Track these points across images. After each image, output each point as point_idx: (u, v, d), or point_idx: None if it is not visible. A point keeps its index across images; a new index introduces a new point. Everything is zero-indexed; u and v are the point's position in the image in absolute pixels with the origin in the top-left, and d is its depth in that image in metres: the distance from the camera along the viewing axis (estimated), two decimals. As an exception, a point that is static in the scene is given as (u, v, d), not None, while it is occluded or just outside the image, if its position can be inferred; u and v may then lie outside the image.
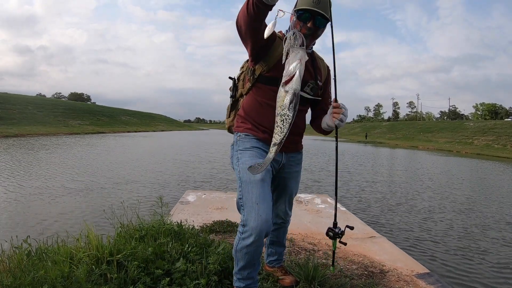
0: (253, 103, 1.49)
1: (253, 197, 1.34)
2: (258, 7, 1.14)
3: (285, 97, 0.97)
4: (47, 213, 4.86)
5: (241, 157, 1.44)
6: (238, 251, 1.39)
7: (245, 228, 1.34)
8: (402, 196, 7.17)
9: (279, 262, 1.87)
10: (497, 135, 32.35)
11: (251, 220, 1.31)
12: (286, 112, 0.98)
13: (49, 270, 1.63)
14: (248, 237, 1.32)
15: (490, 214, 5.84)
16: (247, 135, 1.48)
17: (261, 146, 1.46)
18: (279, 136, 1.03)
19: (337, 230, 1.52)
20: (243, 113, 1.53)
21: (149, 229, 2.23)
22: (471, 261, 3.62)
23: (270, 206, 1.35)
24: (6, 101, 40.45)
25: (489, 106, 74.53)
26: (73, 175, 8.33)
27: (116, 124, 53.02)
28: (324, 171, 10.33)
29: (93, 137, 29.10)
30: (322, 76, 1.55)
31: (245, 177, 1.38)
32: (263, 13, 1.18)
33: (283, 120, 0.99)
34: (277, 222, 1.75)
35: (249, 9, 1.17)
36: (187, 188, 6.20)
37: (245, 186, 1.37)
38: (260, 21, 1.23)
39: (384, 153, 23.05)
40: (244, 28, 1.28)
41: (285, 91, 0.97)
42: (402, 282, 2.01)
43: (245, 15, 1.21)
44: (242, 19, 1.25)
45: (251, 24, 1.24)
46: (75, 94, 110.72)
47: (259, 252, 1.39)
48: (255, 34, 1.29)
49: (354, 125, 76.85)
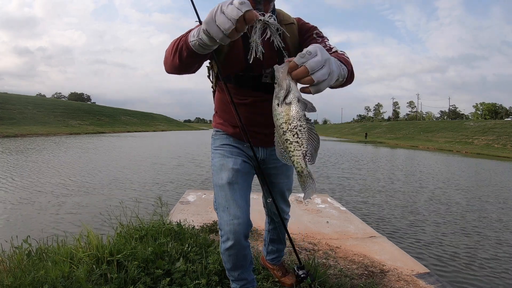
0: (218, 100, 1.44)
1: (222, 200, 1.30)
2: (193, 58, 0.95)
3: (290, 109, 0.83)
4: (47, 213, 4.86)
5: (213, 158, 1.42)
6: (222, 254, 1.36)
7: (221, 232, 1.31)
8: (402, 196, 7.17)
9: (279, 259, 1.85)
10: (497, 135, 32.36)
11: (224, 224, 1.29)
12: (297, 123, 0.83)
13: (49, 270, 1.63)
14: (226, 241, 1.30)
15: (490, 214, 5.84)
16: (217, 131, 1.45)
17: (231, 142, 1.40)
18: (299, 151, 0.85)
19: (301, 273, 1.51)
20: (215, 108, 1.50)
21: (149, 229, 2.24)
22: (471, 261, 3.62)
23: (243, 207, 1.29)
24: (6, 101, 40.48)
25: (489, 105, 74.61)
26: (73, 175, 8.33)
27: (116, 124, 53.05)
28: (323, 173, 10.34)
29: (93, 137, 29.11)
30: (291, 45, 1.28)
31: (214, 180, 1.36)
32: (200, 61, 1.02)
33: (297, 133, 0.83)
34: (274, 219, 1.69)
35: (180, 61, 0.98)
36: (187, 188, 6.20)
37: (216, 190, 1.35)
38: (197, 65, 1.05)
39: (384, 153, 23.05)
40: (184, 72, 1.07)
41: (286, 104, 0.83)
42: (402, 282, 2.01)
43: (176, 66, 1.01)
44: (174, 69, 1.04)
45: (188, 69, 1.04)
46: (75, 94, 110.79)
47: (244, 254, 1.34)
48: (194, 68, 1.08)
49: (354, 124, 76.96)
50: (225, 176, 1.32)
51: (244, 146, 1.38)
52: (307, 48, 0.77)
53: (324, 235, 2.86)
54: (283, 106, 0.83)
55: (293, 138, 0.83)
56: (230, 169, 1.33)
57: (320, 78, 0.76)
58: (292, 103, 0.81)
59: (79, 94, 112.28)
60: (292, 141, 0.84)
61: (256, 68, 1.23)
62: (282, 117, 0.84)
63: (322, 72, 0.76)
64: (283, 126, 0.84)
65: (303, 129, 0.83)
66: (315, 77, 0.76)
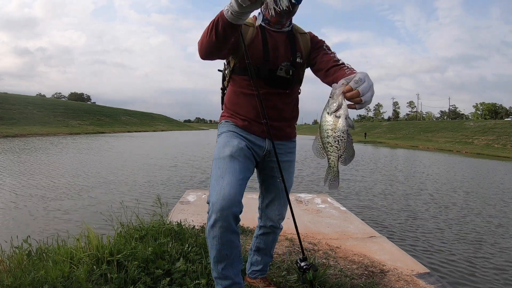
0: (231, 94, 1.48)
1: (218, 171, 1.28)
2: (226, 31, 1.08)
3: (338, 121, 1.04)
4: (48, 213, 4.86)
5: (218, 140, 1.44)
6: (207, 237, 1.27)
7: (209, 207, 1.22)
8: (403, 196, 7.17)
9: (263, 273, 1.72)
10: (497, 135, 32.37)
11: (213, 195, 1.22)
12: (341, 134, 1.04)
13: (49, 270, 1.63)
14: (210, 217, 1.20)
15: (490, 214, 5.84)
16: (227, 121, 1.48)
17: (239, 132, 1.42)
18: (336, 153, 1.07)
19: (303, 264, 1.50)
20: (225, 105, 1.53)
21: (149, 229, 2.24)
22: (471, 261, 3.62)
23: (237, 182, 1.25)
24: (6, 101, 40.49)
25: (489, 105, 74.64)
26: (73, 175, 8.33)
27: (116, 124, 53.06)
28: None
29: (93, 138, 29.10)
30: (304, 50, 1.46)
31: (216, 154, 1.36)
32: (232, 34, 1.12)
33: (338, 141, 1.05)
34: (266, 225, 1.60)
35: (217, 36, 1.10)
36: (187, 188, 6.20)
37: (215, 163, 1.33)
38: (229, 41, 1.16)
39: (384, 153, 23.05)
40: (216, 53, 1.22)
41: (336, 116, 1.04)
42: (402, 282, 2.01)
43: (211, 43, 1.14)
44: (209, 48, 1.17)
45: (221, 47, 1.17)
46: (75, 94, 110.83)
47: (230, 240, 1.23)
48: (225, 48, 1.22)
49: (354, 124, 76.66)
50: (228, 150, 1.34)
51: (252, 136, 1.43)
52: (358, 76, 1.01)
53: (324, 235, 2.86)
54: (332, 117, 1.05)
55: (334, 143, 1.06)
56: (235, 145, 1.35)
57: (367, 99, 1.01)
58: (341, 117, 1.03)
59: (79, 94, 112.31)
60: (333, 145, 1.06)
61: (273, 61, 1.38)
62: (330, 125, 1.05)
63: (368, 95, 1.01)
64: (328, 132, 1.06)
65: (344, 139, 1.05)
66: (364, 98, 1.00)
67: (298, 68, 1.44)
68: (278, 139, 1.48)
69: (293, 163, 1.58)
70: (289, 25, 1.45)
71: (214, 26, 1.09)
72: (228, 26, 1.06)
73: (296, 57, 1.42)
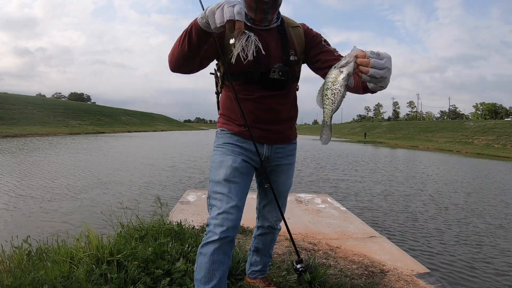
0: (225, 98, 1.44)
1: (216, 195, 1.30)
2: (200, 38, 1.05)
3: (339, 75, 1.03)
4: (48, 213, 4.86)
5: (214, 155, 1.41)
6: (199, 254, 1.29)
7: (208, 228, 1.27)
8: (403, 196, 7.17)
9: (263, 273, 1.74)
10: (497, 135, 32.35)
11: (213, 218, 1.26)
12: (338, 87, 1.03)
13: (49, 270, 1.63)
14: (210, 237, 1.26)
15: (490, 214, 5.84)
16: (222, 130, 1.44)
17: (234, 141, 1.38)
18: (330, 107, 1.05)
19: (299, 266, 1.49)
20: (220, 110, 1.49)
21: (149, 229, 2.24)
22: (471, 261, 3.62)
23: (235, 206, 1.27)
24: (6, 101, 40.49)
25: (489, 105, 74.66)
26: (73, 175, 8.33)
27: (116, 124, 53.06)
28: (323, 175, 10.33)
29: (93, 138, 29.11)
30: (298, 45, 1.37)
31: (211, 176, 1.35)
32: (205, 42, 1.09)
33: (334, 94, 1.04)
34: (264, 225, 1.60)
35: (189, 45, 1.07)
36: (187, 188, 6.20)
37: (211, 185, 1.34)
38: (201, 50, 1.12)
39: (384, 153, 23.05)
40: (185, 65, 1.17)
41: (339, 71, 1.03)
42: (402, 282, 2.01)
43: (183, 52, 1.10)
44: (180, 58, 1.13)
45: (193, 56, 1.13)
46: (75, 94, 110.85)
47: (221, 261, 1.27)
48: (196, 59, 1.18)
49: (354, 124, 76.92)
50: (223, 173, 1.31)
51: (249, 143, 1.37)
52: (381, 52, 0.95)
53: (324, 235, 2.86)
54: (337, 71, 1.04)
55: (331, 96, 1.05)
56: (229, 166, 1.32)
57: (374, 74, 0.92)
58: (343, 72, 1.02)
59: (79, 94, 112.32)
60: (329, 97, 1.06)
61: (264, 63, 1.30)
62: (332, 77, 1.05)
63: (379, 72, 0.92)
64: (329, 84, 1.05)
65: (340, 93, 1.04)
66: (371, 71, 0.92)
67: (293, 66, 1.36)
68: (277, 143, 1.44)
69: (293, 166, 1.56)
70: (277, 19, 1.35)
71: (188, 34, 1.06)
72: (202, 34, 1.04)
73: (289, 55, 1.34)
